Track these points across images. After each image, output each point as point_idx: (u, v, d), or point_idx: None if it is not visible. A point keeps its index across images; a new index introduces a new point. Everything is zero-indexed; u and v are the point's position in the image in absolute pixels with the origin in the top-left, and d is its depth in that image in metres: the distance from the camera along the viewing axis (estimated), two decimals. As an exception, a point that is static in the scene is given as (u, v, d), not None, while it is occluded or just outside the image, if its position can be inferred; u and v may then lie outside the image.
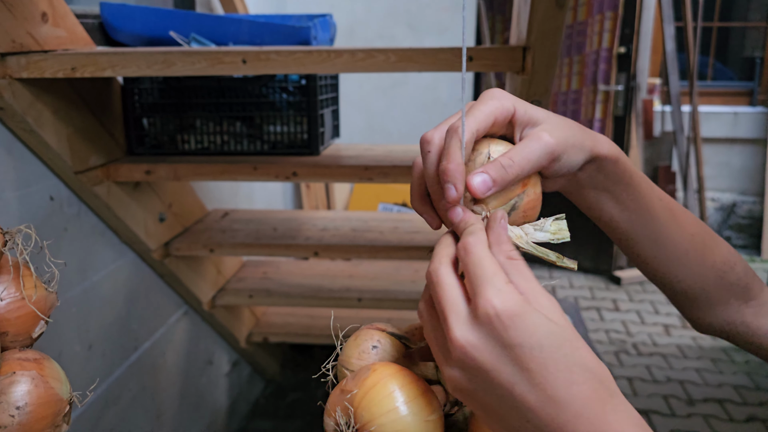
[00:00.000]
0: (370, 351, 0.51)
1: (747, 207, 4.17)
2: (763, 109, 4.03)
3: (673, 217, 0.58)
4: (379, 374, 0.45)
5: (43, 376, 0.45)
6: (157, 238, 1.63)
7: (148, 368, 1.71)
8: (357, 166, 1.41)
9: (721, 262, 0.59)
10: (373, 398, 0.44)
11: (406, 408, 0.44)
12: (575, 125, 0.51)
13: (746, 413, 2.41)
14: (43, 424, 0.44)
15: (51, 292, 0.48)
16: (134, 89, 1.52)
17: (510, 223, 0.48)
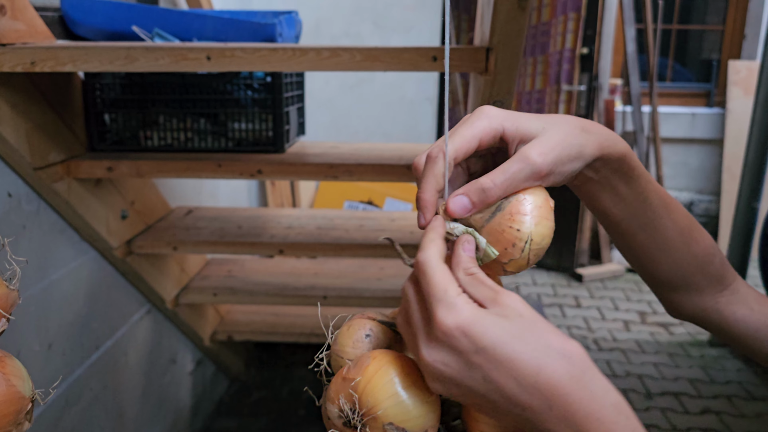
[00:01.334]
0: (363, 339, 0.53)
1: (704, 206, 4.28)
2: (720, 110, 4.14)
3: (666, 209, 0.59)
4: (379, 361, 0.48)
5: (5, 374, 0.44)
6: (119, 236, 1.61)
7: (110, 367, 1.69)
8: (322, 164, 1.41)
9: (704, 253, 0.62)
10: (377, 384, 0.47)
11: (407, 391, 0.47)
12: (576, 130, 0.50)
13: (701, 406, 2.48)
14: (4, 422, 0.44)
15: (12, 289, 0.47)
16: (96, 84, 1.50)
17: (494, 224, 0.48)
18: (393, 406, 0.46)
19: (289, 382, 2.54)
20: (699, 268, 0.62)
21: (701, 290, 0.64)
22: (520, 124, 0.49)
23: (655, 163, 3.98)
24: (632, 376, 2.70)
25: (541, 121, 0.50)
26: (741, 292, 0.65)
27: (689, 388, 2.61)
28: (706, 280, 0.63)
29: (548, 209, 0.49)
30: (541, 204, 0.48)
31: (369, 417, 0.46)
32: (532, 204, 0.48)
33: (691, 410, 2.46)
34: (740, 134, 3.99)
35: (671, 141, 4.18)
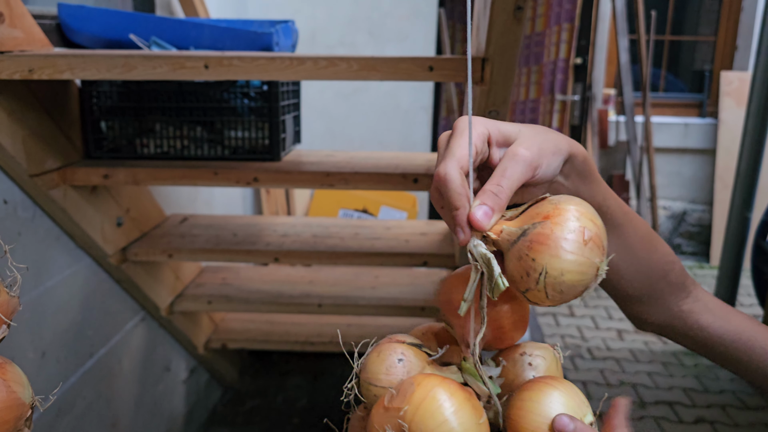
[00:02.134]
0: (396, 365, 0.51)
1: (697, 215, 4.31)
2: (712, 121, 4.17)
3: (626, 216, 0.61)
4: (425, 387, 0.46)
5: (5, 381, 0.45)
6: (114, 243, 1.61)
7: (104, 375, 1.69)
8: (318, 173, 1.41)
9: (664, 260, 0.63)
10: (425, 412, 0.45)
11: (457, 417, 0.45)
12: (546, 131, 0.53)
13: (695, 415, 2.49)
14: (5, 429, 0.44)
15: (13, 296, 0.47)
16: (92, 92, 1.50)
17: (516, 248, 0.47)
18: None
19: (283, 391, 2.54)
20: (661, 275, 0.63)
21: (664, 299, 0.65)
22: (500, 127, 0.51)
23: (648, 173, 4.00)
24: (626, 385, 2.71)
25: (516, 126, 0.52)
26: (702, 300, 0.66)
27: (683, 397, 2.62)
28: (669, 287, 0.64)
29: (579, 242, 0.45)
30: (571, 235, 0.45)
31: None
32: (558, 233, 0.45)
33: (685, 419, 2.46)
34: (732, 144, 4.02)
35: (664, 151, 4.21)
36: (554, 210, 0.46)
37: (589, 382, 2.72)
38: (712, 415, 2.49)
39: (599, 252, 0.45)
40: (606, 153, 4.18)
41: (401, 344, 0.52)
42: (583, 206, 0.47)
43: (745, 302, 3.59)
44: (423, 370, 0.51)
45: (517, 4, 0.90)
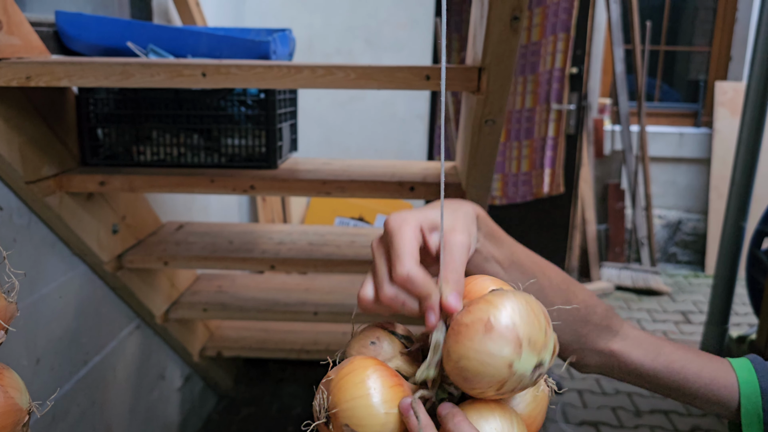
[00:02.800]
0: (368, 346, 0.54)
1: (692, 224, 4.32)
2: (707, 130, 4.19)
3: (539, 267, 0.64)
4: (354, 365, 0.50)
5: (2, 386, 0.45)
6: (109, 250, 1.60)
7: (98, 383, 1.68)
8: (314, 180, 1.42)
9: (584, 306, 0.66)
10: (344, 385, 0.48)
11: (369, 398, 0.47)
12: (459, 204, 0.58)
13: (690, 424, 2.49)
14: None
15: (11, 302, 0.47)
16: (89, 99, 1.50)
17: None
18: (351, 409, 0.47)
19: (279, 399, 2.53)
20: (583, 321, 0.66)
21: (593, 341, 0.67)
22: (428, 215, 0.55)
23: (644, 182, 4.01)
24: (622, 393, 2.71)
25: (434, 210, 0.56)
26: (631, 336, 0.68)
27: (678, 406, 2.62)
28: (594, 330, 0.66)
29: (478, 332, 0.46)
30: (474, 323, 0.46)
31: (333, 414, 0.48)
32: (464, 320, 0.47)
33: (680, 428, 2.46)
34: (727, 154, 4.04)
35: (660, 160, 4.23)
36: (480, 299, 0.48)
37: (584, 391, 2.72)
38: (707, 423, 2.49)
39: (509, 346, 0.45)
40: (601, 162, 4.20)
41: (381, 330, 0.55)
42: (509, 299, 0.47)
43: (740, 311, 3.60)
44: (392, 357, 0.54)
45: (514, 14, 0.91)
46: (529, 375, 0.46)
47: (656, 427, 2.47)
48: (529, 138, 3.70)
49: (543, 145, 3.64)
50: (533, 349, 0.45)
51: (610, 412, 2.56)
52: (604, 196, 4.21)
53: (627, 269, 3.99)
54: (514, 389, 0.46)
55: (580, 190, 3.87)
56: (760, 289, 2.81)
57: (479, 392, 0.47)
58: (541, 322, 0.46)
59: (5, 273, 0.50)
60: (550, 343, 0.47)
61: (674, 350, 0.68)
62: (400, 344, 0.55)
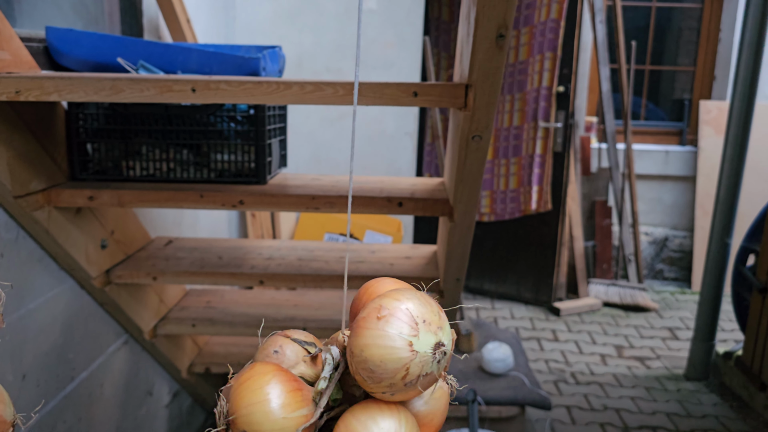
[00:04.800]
0: (271, 354, 0.55)
1: (678, 241, 4.35)
2: (692, 148, 4.24)
3: None
4: (254, 371, 0.50)
5: (-12, 396, 0.45)
6: (98, 266, 1.60)
7: (85, 399, 1.67)
8: (304, 196, 1.42)
9: None
10: (242, 392, 0.49)
11: (266, 404, 0.48)
12: None
13: (678, 440, 2.50)
14: (-12, 444, 0.44)
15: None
16: (79, 114, 1.51)
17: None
18: (249, 415, 0.48)
19: (266, 416, 2.51)
20: None
21: None
22: None
23: (630, 199, 4.05)
24: (610, 409, 2.71)
25: None
26: None
27: (666, 421, 2.63)
28: None
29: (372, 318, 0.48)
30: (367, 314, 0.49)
31: (231, 421, 0.49)
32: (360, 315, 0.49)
33: (667, 444, 2.47)
34: (712, 171, 4.09)
35: (646, 177, 4.27)
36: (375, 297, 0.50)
37: (573, 407, 2.72)
38: (694, 440, 2.50)
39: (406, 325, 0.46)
40: (588, 179, 4.23)
41: (283, 338, 0.56)
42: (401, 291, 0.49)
43: (727, 327, 3.63)
44: (296, 364, 0.55)
45: (499, 32, 0.93)
46: (431, 356, 0.46)
47: (644, 443, 2.47)
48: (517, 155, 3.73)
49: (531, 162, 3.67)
50: (429, 328, 0.47)
51: (599, 428, 2.57)
52: (592, 213, 4.24)
53: (614, 286, 4.01)
54: (419, 375, 0.46)
55: (567, 207, 3.90)
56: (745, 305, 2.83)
57: (386, 385, 0.47)
58: (434, 307, 0.48)
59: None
60: (446, 326, 0.48)
61: None
62: (303, 350, 0.56)
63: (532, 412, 2.63)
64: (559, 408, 2.70)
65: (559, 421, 2.60)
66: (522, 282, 3.95)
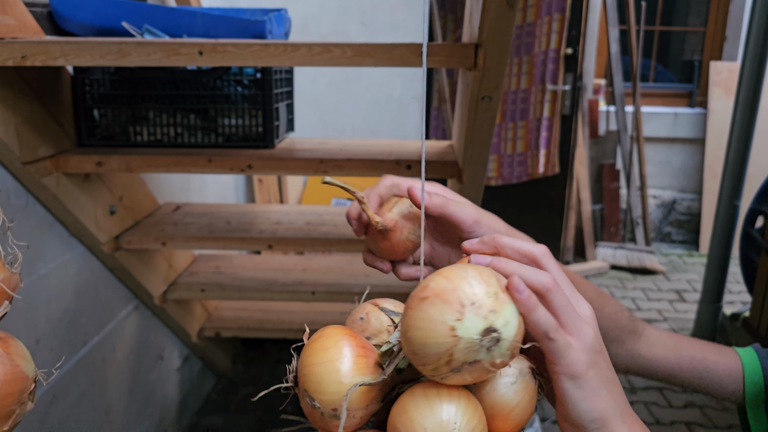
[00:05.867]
0: (357, 322, 0.55)
1: (686, 204, 4.34)
2: (702, 110, 4.20)
3: (573, 283, 0.66)
4: (322, 333, 0.50)
5: (8, 354, 0.45)
6: (107, 231, 1.61)
7: (98, 363, 1.69)
8: (312, 159, 1.42)
9: (613, 312, 0.71)
10: (309, 352, 0.49)
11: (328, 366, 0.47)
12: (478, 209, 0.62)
13: (684, 400, 2.52)
14: (9, 401, 0.45)
15: (14, 273, 0.48)
16: (85, 80, 1.50)
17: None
18: (310, 374, 0.48)
19: (277, 379, 2.53)
20: (613, 323, 0.71)
21: (621, 341, 0.72)
22: (456, 196, 0.62)
23: (639, 162, 4.02)
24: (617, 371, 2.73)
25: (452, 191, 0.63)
26: (654, 335, 0.74)
27: (672, 383, 2.65)
28: (622, 333, 0.72)
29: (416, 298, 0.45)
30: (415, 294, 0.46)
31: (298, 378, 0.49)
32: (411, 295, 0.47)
33: (674, 404, 2.49)
34: (721, 134, 4.05)
35: (654, 140, 4.23)
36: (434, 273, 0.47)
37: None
38: (701, 399, 2.52)
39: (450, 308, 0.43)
40: (596, 143, 4.21)
41: (372, 305, 0.56)
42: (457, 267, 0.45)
43: (734, 289, 3.63)
44: (379, 332, 0.54)
45: (510, -11, 0.91)
46: (478, 342, 0.42)
47: (651, 403, 2.50)
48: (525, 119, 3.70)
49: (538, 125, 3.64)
50: (478, 313, 0.42)
51: (605, 389, 2.59)
52: (599, 176, 4.22)
53: (622, 249, 4.01)
54: (464, 362, 0.43)
55: (575, 170, 3.88)
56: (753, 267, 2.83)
57: (432, 368, 0.44)
58: (491, 286, 0.44)
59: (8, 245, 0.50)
60: (504, 309, 0.43)
61: (691, 344, 0.74)
62: (389, 319, 0.55)
63: (539, 374, 2.65)
64: (566, 370, 2.72)
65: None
66: (529, 246, 3.95)
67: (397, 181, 0.60)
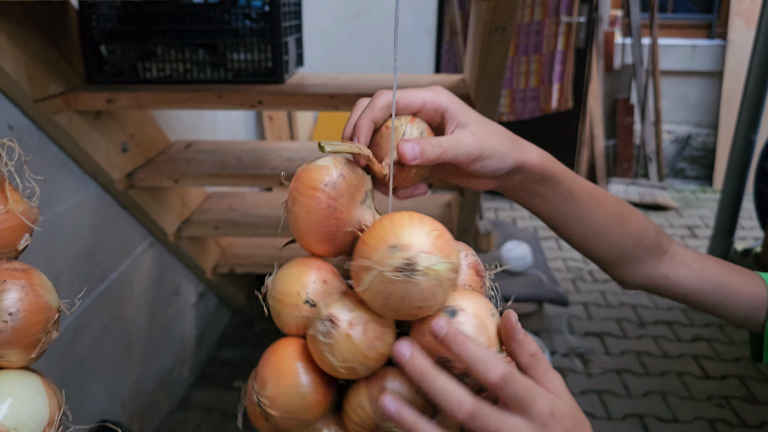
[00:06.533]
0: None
1: (701, 139, 4.28)
2: (721, 42, 4.09)
3: (594, 201, 0.65)
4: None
5: (32, 285, 0.46)
6: (120, 169, 1.61)
7: (116, 299, 1.73)
8: (323, 95, 1.41)
9: (636, 230, 0.68)
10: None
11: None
12: (505, 135, 0.58)
13: (693, 334, 2.55)
14: (35, 330, 0.46)
15: (33, 206, 0.49)
16: (91, 15, 1.48)
17: None
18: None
19: (291, 314, 2.59)
20: (635, 244, 0.68)
21: (643, 260, 0.70)
22: (461, 111, 0.56)
23: (654, 97, 3.96)
24: (626, 306, 2.77)
25: (480, 118, 0.57)
26: (679, 255, 0.71)
27: (682, 317, 2.68)
28: (644, 251, 0.69)
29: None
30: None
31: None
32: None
33: (682, 338, 2.53)
34: (740, 66, 3.95)
35: (670, 73, 4.15)
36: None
37: (590, 303, 2.78)
38: (709, 333, 2.55)
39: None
40: (611, 76, 4.13)
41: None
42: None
43: (746, 225, 3.62)
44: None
45: None
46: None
47: (659, 337, 2.53)
48: (538, 52, 3.63)
49: (552, 59, 3.57)
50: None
51: (615, 323, 2.63)
52: (613, 111, 4.16)
53: (634, 185, 3.99)
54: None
55: (588, 105, 3.83)
56: (767, 202, 2.81)
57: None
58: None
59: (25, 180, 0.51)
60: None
61: (717, 267, 0.71)
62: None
63: (549, 308, 2.69)
64: (576, 305, 2.75)
65: (576, 317, 2.66)
66: (541, 182, 3.94)
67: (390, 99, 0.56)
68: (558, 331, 2.55)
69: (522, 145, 0.59)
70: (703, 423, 2.06)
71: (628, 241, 0.68)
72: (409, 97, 0.55)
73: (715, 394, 2.19)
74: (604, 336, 2.53)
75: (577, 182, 0.64)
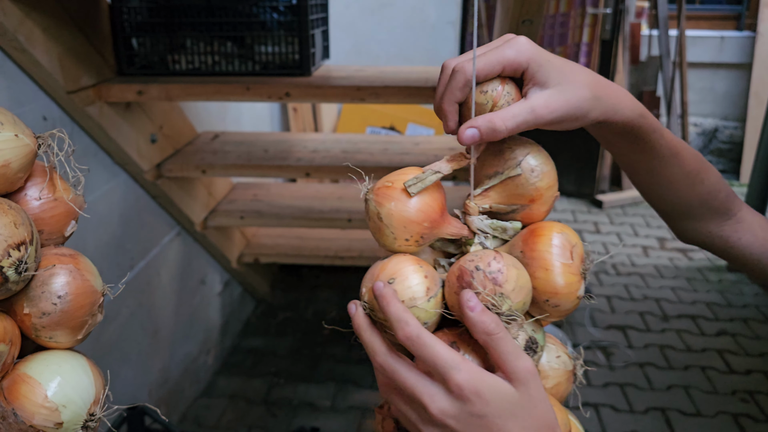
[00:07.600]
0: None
1: (728, 132, 4.23)
2: (750, 34, 4.03)
3: (675, 157, 0.63)
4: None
5: (79, 270, 0.48)
6: (149, 159, 1.64)
7: (144, 286, 1.76)
8: (349, 87, 1.42)
9: (707, 192, 0.67)
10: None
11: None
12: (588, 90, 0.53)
13: (717, 328, 2.53)
14: (82, 312, 0.48)
15: (78, 194, 0.51)
16: (122, 8, 1.50)
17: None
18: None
19: (314, 304, 2.62)
20: (703, 203, 0.67)
21: (706, 220, 0.69)
22: (542, 68, 0.52)
23: (680, 89, 3.91)
24: (650, 299, 2.75)
25: (561, 75, 0.53)
26: (747, 221, 0.70)
27: (706, 311, 2.66)
28: (710, 212, 0.68)
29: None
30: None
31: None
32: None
33: (707, 332, 2.51)
34: (769, 58, 3.90)
35: (698, 66, 4.10)
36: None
37: (613, 296, 2.77)
38: (734, 328, 2.53)
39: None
40: (637, 69, 4.09)
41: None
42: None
43: (774, 220, 3.58)
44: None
45: None
46: None
47: (683, 331, 2.52)
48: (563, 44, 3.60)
49: (577, 51, 3.55)
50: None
51: (638, 316, 2.62)
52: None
53: (659, 178, 3.95)
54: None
55: (614, 97, 3.79)
56: (795, 196, 2.78)
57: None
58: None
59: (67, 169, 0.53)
60: None
61: None
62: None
63: (572, 301, 2.68)
64: (599, 297, 2.75)
65: (599, 310, 2.65)
66: (564, 175, 3.92)
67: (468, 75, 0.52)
68: (581, 324, 2.55)
69: (607, 100, 0.55)
70: (727, 417, 2.05)
71: (695, 200, 0.67)
72: (487, 68, 0.52)
73: (739, 389, 2.18)
74: (627, 329, 2.52)
75: (662, 136, 0.61)
